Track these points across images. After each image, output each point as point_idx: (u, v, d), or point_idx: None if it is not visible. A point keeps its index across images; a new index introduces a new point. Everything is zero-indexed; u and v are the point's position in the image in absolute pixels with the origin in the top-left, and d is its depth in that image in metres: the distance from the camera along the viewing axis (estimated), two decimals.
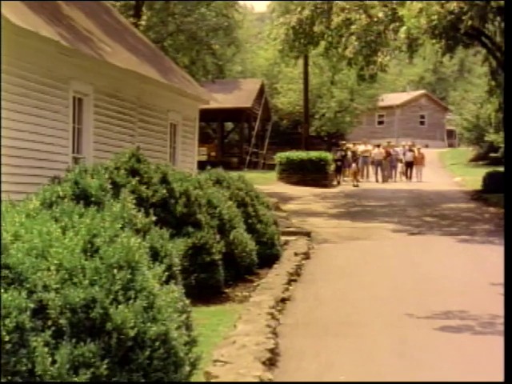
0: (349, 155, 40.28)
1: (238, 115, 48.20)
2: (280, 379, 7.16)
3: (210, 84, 38.83)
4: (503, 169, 14.86)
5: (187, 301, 6.27)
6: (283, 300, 10.97)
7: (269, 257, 14.65)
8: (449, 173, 47.64)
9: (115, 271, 5.06)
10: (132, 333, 4.87)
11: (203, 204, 12.15)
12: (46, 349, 4.59)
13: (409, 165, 42.21)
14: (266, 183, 32.85)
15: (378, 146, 43.09)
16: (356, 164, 39.99)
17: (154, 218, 7.03)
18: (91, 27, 17.13)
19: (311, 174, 36.04)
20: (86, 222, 5.50)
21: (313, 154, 37.14)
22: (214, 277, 11.46)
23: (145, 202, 10.08)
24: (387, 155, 41.52)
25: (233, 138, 55.59)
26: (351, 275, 14.17)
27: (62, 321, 4.77)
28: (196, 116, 22.77)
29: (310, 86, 47.82)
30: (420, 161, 42.10)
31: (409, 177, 42.12)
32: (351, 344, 8.83)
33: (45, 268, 4.97)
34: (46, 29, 13.55)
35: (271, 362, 7.49)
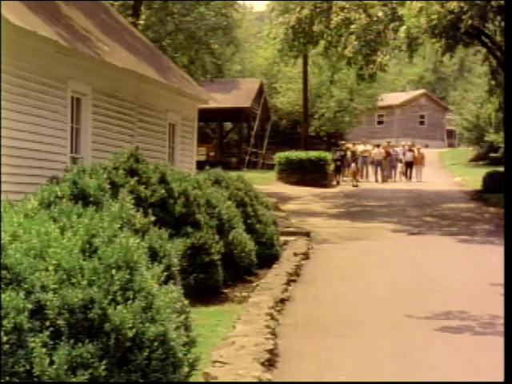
0: (348, 155, 40.27)
1: (237, 115, 48.15)
2: (279, 380, 7.14)
3: (209, 83, 38.78)
4: (503, 169, 14.84)
5: (186, 301, 6.26)
6: (282, 300, 10.94)
7: (268, 257, 14.63)
8: (449, 173, 47.61)
9: (114, 271, 5.05)
10: (130, 333, 4.86)
11: (202, 204, 12.13)
12: (44, 349, 4.59)
13: (408, 165, 42.15)
14: (265, 183, 32.82)
15: (378, 146, 43.05)
16: (355, 164, 39.92)
17: (153, 218, 7.03)
18: (89, 27, 17.09)
19: (310, 174, 36.01)
20: (85, 222, 5.49)
21: (312, 154, 37.11)
22: (213, 277, 11.44)
23: (143, 202, 10.06)
24: (387, 155, 41.48)
25: (232, 138, 55.54)
26: (351, 275, 14.15)
27: (60, 321, 4.76)
28: (195, 116, 22.73)
29: (310, 86, 47.81)
30: (420, 161, 42.05)
31: (408, 177, 42.07)
32: (351, 344, 8.81)
33: (43, 268, 4.96)
34: (45, 28, 13.52)
35: (270, 363, 7.47)
